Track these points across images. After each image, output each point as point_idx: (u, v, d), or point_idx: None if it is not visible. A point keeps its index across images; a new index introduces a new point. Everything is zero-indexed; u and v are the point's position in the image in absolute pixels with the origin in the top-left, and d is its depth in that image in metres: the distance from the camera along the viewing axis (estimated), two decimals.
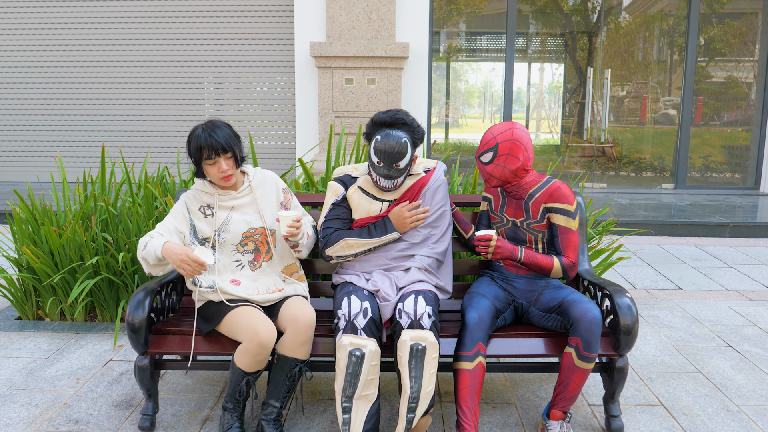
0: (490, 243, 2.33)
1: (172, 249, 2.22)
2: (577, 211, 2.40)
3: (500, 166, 2.35)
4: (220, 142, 2.29)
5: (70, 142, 8.04)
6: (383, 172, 2.37)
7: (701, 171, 8.15)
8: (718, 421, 2.56)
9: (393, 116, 2.37)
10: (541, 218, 2.42)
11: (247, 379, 2.26)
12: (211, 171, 2.33)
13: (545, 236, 2.45)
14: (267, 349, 2.18)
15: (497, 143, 2.35)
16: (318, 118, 7.33)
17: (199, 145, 2.29)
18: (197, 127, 2.35)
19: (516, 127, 2.36)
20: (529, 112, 8.32)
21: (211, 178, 2.37)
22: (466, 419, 2.21)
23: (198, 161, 2.33)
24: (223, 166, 2.30)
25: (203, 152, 2.29)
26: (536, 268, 2.39)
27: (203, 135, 2.29)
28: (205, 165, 2.32)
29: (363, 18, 7.00)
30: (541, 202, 2.41)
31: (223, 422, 2.33)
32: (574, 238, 2.40)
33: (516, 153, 2.34)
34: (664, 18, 7.91)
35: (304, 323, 2.23)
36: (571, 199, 2.39)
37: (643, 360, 3.15)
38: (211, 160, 2.30)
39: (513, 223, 2.48)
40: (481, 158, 2.39)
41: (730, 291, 4.30)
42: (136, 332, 2.26)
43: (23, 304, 3.58)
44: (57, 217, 3.54)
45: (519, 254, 2.37)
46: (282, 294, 2.38)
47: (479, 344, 2.25)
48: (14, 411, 2.58)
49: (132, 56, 7.82)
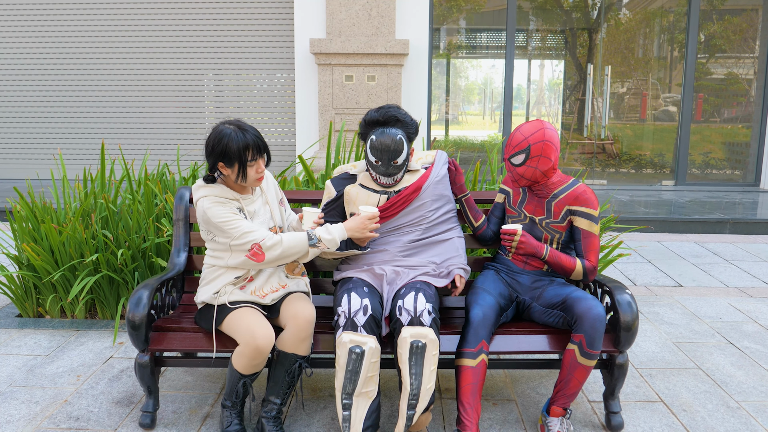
0: (515, 237, 2.32)
1: (350, 226, 2.25)
2: (599, 217, 2.40)
3: (532, 168, 2.34)
4: (262, 140, 2.21)
5: (70, 139, 8.04)
6: (382, 171, 2.38)
7: (701, 168, 8.14)
8: (718, 418, 2.57)
9: (385, 114, 2.36)
10: (562, 219, 2.42)
11: (243, 381, 2.26)
12: (251, 172, 2.23)
13: (562, 237, 2.45)
14: (263, 353, 2.18)
15: (529, 145, 2.32)
16: (318, 116, 7.32)
17: (244, 145, 2.16)
18: (224, 129, 2.20)
19: (546, 127, 2.34)
20: (529, 109, 8.31)
21: (247, 180, 2.24)
22: (468, 416, 2.21)
23: (241, 161, 2.19)
24: (262, 167, 2.25)
25: (248, 152, 2.18)
26: (558, 267, 2.39)
27: (243, 135, 2.17)
28: (248, 166, 2.20)
29: (363, 15, 6.99)
30: (565, 203, 2.40)
31: (223, 419, 2.34)
32: (596, 242, 2.40)
33: (548, 154, 2.33)
34: (664, 14, 7.90)
35: (303, 320, 2.23)
36: (595, 204, 2.39)
37: (643, 356, 3.15)
38: (254, 161, 2.20)
39: (531, 219, 2.47)
40: (512, 160, 2.37)
41: (730, 287, 4.30)
42: (136, 329, 2.27)
43: (24, 302, 3.58)
44: (57, 215, 3.54)
45: (544, 252, 2.36)
46: (285, 290, 2.38)
47: (483, 342, 2.25)
48: (15, 408, 2.58)
49: (132, 53, 7.81)
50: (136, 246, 3.35)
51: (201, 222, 2.28)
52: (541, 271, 2.50)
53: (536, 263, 2.49)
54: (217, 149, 2.18)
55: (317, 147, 7.46)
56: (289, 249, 2.20)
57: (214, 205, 2.21)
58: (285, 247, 2.19)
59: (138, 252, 3.37)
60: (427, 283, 2.35)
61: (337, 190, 2.53)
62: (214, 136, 2.20)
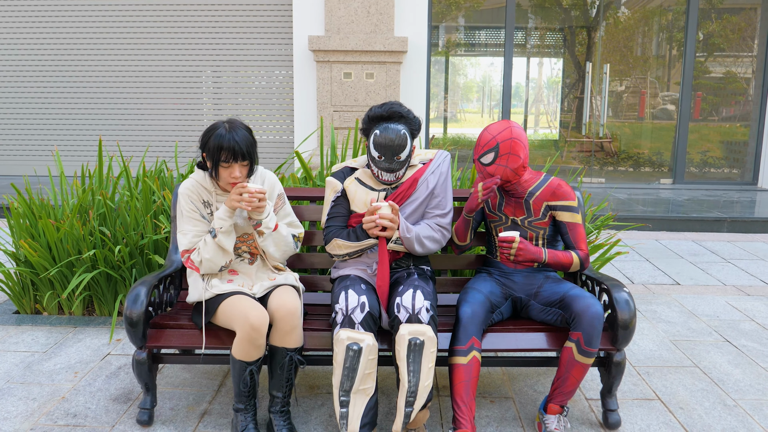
0: (513, 245, 2.31)
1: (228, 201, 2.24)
2: (579, 205, 2.44)
3: (502, 166, 2.37)
4: (241, 147, 2.22)
5: (67, 135, 8.02)
6: (385, 166, 2.37)
7: (699, 166, 8.15)
8: (715, 416, 2.57)
9: (389, 109, 2.37)
10: (543, 216, 2.44)
11: (249, 369, 2.25)
12: (223, 174, 2.27)
13: (546, 232, 2.46)
14: (260, 332, 2.17)
15: (498, 143, 2.36)
16: (316, 113, 7.31)
17: (219, 145, 2.21)
18: (219, 124, 2.26)
19: (513, 126, 2.39)
20: (527, 107, 8.31)
21: (219, 180, 2.31)
22: (462, 414, 2.21)
23: (215, 160, 2.25)
24: (236, 173, 2.25)
25: (222, 153, 2.22)
26: (558, 266, 2.40)
27: (226, 136, 2.21)
28: (220, 166, 2.25)
29: (362, 12, 6.98)
30: (543, 200, 2.43)
31: (237, 424, 2.31)
32: (582, 231, 2.44)
33: (517, 151, 2.36)
34: (663, 13, 7.90)
35: (286, 311, 2.23)
36: (572, 195, 2.43)
37: (640, 354, 3.15)
38: (227, 164, 2.24)
39: (513, 221, 2.49)
40: (482, 159, 2.40)
41: (728, 286, 4.31)
42: (134, 326, 2.26)
43: (21, 298, 3.57)
44: (54, 211, 3.54)
45: (543, 256, 2.36)
46: (274, 283, 2.40)
47: (473, 338, 2.26)
48: (12, 405, 2.58)
49: (130, 50, 7.79)
50: (133, 243, 3.35)
51: None
52: (532, 268, 2.51)
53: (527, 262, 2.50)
54: (203, 140, 2.30)
55: (314, 140, 7.46)
56: (210, 254, 2.28)
57: (183, 194, 2.36)
58: (207, 254, 2.28)
59: (135, 249, 3.37)
60: (425, 280, 2.35)
61: (341, 182, 2.52)
62: (208, 127, 2.31)
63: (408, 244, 2.38)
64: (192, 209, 2.35)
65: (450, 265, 2.81)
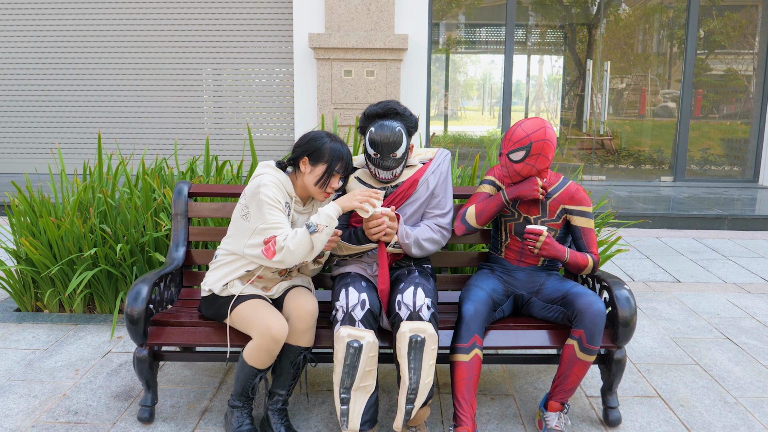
0: (540, 238, 2.30)
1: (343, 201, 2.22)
2: (592, 211, 2.46)
3: (530, 165, 2.35)
4: (352, 165, 2.35)
5: (68, 133, 8.02)
6: (380, 164, 2.36)
7: (700, 164, 8.15)
8: (716, 413, 2.57)
9: (385, 107, 2.36)
10: (557, 218, 2.45)
11: (261, 376, 2.25)
12: (333, 181, 2.29)
13: (556, 234, 2.47)
14: (280, 343, 2.17)
15: (531, 142, 2.33)
16: (317, 110, 7.31)
17: (340, 155, 2.26)
18: (324, 134, 2.29)
19: (548, 126, 2.35)
20: (528, 105, 8.30)
21: (319, 186, 2.28)
22: (463, 411, 2.21)
23: (329, 168, 2.26)
24: (335, 184, 2.30)
25: (338, 164, 2.27)
26: (575, 267, 2.40)
27: (345, 149, 2.29)
28: (333, 175, 2.28)
29: (362, 9, 6.97)
30: (560, 202, 2.43)
31: (232, 420, 2.31)
32: (594, 236, 2.46)
33: (547, 153, 2.35)
34: (663, 10, 7.89)
35: (305, 311, 2.24)
36: (588, 201, 2.44)
37: (641, 352, 3.16)
38: (338, 175, 2.29)
39: (526, 218, 2.48)
40: (512, 156, 2.37)
41: (728, 283, 4.31)
42: (135, 323, 2.26)
43: (22, 296, 3.58)
44: (55, 209, 3.54)
45: (566, 256, 2.36)
46: (290, 283, 2.41)
47: (475, 336, 2.26)
48: (13, 402, 2.58)
49: (130, 48, 7.79)
50: (134, 240, 3.35)
51: (247, 195, 2.24)
52: (536, 266, 2.50)
53: (530, 260, 2.50)
54: (312, 144, 2.27)
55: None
56: (295, 246, 2.14)
57: (272, 185, 2.24)
58: (293, 245, 2.14)
59: (136, 246, 3.37)
60: (426, 277, 2.35)
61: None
62: (312, 134, 2.29)
63: (406, 249, 2.39)
64: (279, 200, 2.24)
65: (450, 263, 2.81)
